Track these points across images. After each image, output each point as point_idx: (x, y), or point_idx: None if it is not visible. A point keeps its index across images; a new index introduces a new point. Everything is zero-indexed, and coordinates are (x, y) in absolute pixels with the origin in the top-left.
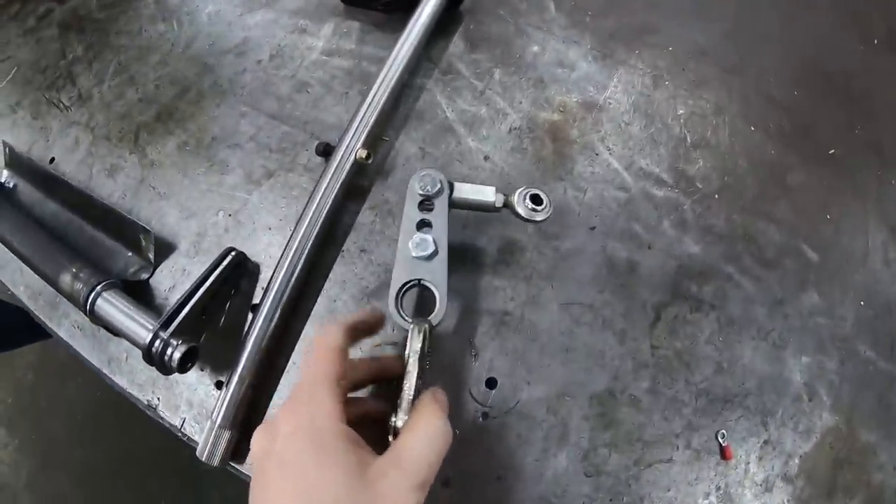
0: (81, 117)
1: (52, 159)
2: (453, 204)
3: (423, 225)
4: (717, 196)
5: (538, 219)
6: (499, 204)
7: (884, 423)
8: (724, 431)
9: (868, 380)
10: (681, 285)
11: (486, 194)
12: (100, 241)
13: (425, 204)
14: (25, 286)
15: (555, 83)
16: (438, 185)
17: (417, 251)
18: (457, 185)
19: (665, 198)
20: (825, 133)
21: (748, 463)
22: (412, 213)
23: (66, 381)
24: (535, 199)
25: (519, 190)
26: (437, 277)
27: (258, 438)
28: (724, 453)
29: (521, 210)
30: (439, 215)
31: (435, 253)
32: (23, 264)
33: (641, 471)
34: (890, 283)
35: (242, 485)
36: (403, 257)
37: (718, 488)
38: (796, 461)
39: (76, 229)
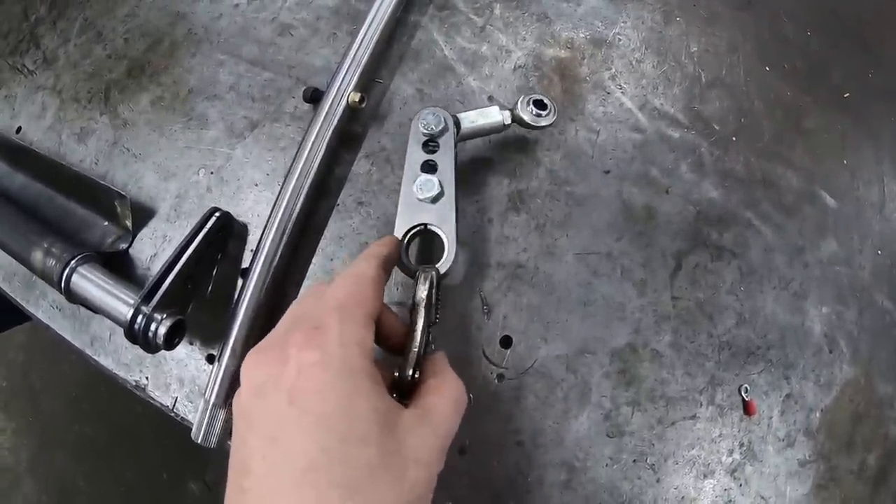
0: (48, 81)
1: (19, 129)
2: (461, 137)
3: (427, 167)
4: (734, 138)
5: (543, 123)
6: (507, 121)
7: None
8: (746, 386)
9: (885, 330)
10: (701, 232)
11: (492, 115)
12: (73, 212)
13: (429, 145)
14: None
15: (560, 18)
16: (443, 124)
17: (422, 193)
18: (461, 115)
19: (681, 139)
20: (838, 76)
21: (771, 418)
22: (415, 155)
23: (58, 359)
24: (539, 104)
25: (520, 98)
26: (444, 221)
27: (256, 366)
28: (747, 408)
29: (525, 116)
30: (445, 155)
31: (441, 194)
32: None
33: (665, 429)
34: None
35: None
36: (407, 201)
37: (742, 444)
38: (817, 415)
39: (47, 201)
